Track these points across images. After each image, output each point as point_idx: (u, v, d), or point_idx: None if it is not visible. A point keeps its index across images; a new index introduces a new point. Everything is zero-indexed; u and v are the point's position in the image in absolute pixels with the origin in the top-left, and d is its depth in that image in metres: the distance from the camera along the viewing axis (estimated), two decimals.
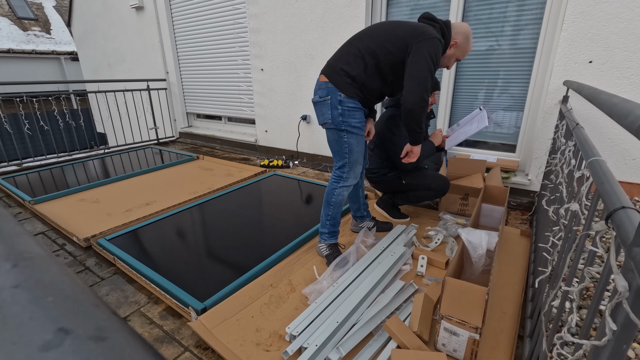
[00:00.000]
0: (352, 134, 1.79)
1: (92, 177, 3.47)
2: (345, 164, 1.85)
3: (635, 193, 2.18)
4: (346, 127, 1.77)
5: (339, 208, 1.93)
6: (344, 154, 1.83)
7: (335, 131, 1.79)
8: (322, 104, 1.78)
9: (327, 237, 1.96)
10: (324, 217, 1.95)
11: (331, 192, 1.91)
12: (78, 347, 0.14)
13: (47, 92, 4.08)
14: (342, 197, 1.92)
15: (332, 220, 1.94)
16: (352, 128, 1.78)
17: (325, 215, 1.94)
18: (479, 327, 1.21)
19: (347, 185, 1.90)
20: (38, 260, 0.19)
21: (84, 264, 2.03)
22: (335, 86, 1.74)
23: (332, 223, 1.95)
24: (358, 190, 2.15)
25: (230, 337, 1.42)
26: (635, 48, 2.07)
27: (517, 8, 2.53)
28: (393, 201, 2.43)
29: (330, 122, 1.77)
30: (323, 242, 1.97)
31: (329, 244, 1.96)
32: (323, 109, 1.79)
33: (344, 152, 1.83)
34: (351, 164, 1.86)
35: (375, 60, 1.71)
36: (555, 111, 2.39)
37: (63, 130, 4.30)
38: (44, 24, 11.96)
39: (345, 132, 1.78)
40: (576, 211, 0.93)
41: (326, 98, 1.75)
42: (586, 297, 1.38)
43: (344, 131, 1.78)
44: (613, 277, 0.54)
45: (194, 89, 5.07)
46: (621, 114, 0.61)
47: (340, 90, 1.73)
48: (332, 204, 1.91)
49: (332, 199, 1.91)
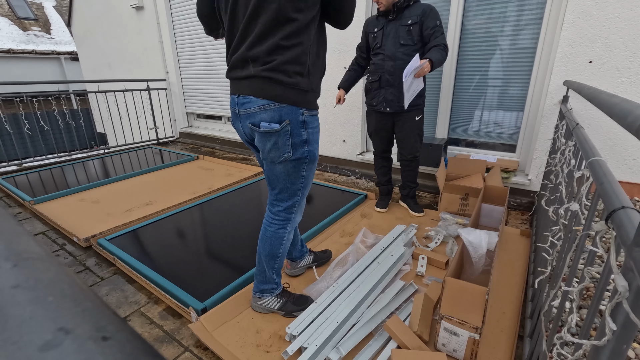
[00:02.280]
0: (312, 163, 1.39)
1: (92, 177, 3.47)
2: (296, 203, 1.44)
3: (635, 193, 2.18)
4: (310, 156, 1.35)
5: (285, 255, 1.56)
6: (297, 191, 1.41)
7: (295, 164, 1.33)
8: (276, 134, 1.26)
9: (276, 288, 1.55)
10: (269, 270, 1.51)
11: (278, 241, 1.48)
12: (78, 347, 0.14)
13: (47, 92, 4.08)
14: (290, 240, 1.54)
15: (278, 270, 1.54)
16: (314, 156, 1.37)
17: (271, 269, 1.51)
18: (479, 327, 1.21)
19: (295, 226, 1.55)
20: (38, 260, 0.19)
21: (84, 264, 2.03)
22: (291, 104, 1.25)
23: (277, 272, 1.55)
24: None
25: (230, 339, 1.42)
26: (635, 48, 2.07)
27: (517, 8, 2.53)
28: (409, 191, 2.56)
29: (291, 155, 1.30)
30: (269, 295, 1.54)
31: (279, 293, 1.56)
32: (279, 141, 1.27)
33: (298, 189, 1.40)
34: (302, 201, 1.45)
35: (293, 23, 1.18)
36: (555, 111, 2.39)
37: (63, 130, 4.30)
38: (44, 24, 11.96)
39: (308, 163, 1.36)
40: (576, 211, 0.93)
41: (284, 124, 1.25)
42: (586, 297, 1.38)
43: (305, 162, 1.35)
44: (613, 277, 0.54)
45: (194, 89, 5.07)
46: (621, 114, 0.61)
47: (300, 106, 1.27)
48: (279, 254, 1.50)
49: (281, 249, 1.50)
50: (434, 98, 3.03)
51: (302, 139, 1.31)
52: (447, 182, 2.46)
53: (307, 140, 1.32)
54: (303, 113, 1.29)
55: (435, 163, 2.87)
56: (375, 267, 1.79)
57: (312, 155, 1.36)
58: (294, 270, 1.83)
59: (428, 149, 2.88)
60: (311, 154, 1.35)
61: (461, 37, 2.79)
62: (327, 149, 3.75)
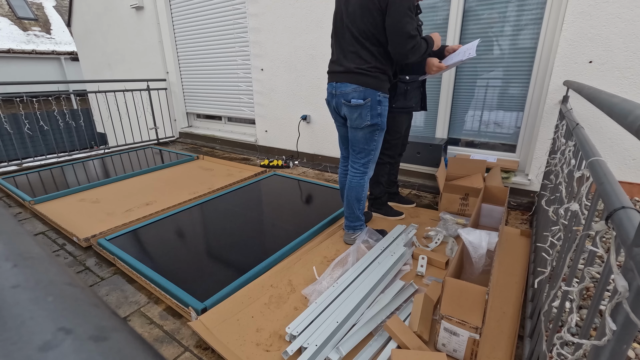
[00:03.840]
0: (382, 131, 1.92)
1: (92, 177, 3.47)
2: (370, 160, 1.97)
3: (635, 193, 2.18)
4: (382, 125, 1.88)
5: (365, 199, 2.09)
6: (371, 151, 1.94)
7: (369, 131, 1.87)
8: (361, 107, 1.82)
9: (362, 224, 2.11)
10: (357, 210, 2.05)
11: (361, 188, 2.01)
12: (78, 347, 0.14)
13: (47, 92, 4.08)
14: (367, 188, 2.10)
15: (362, 210, 2.08)
16: (384, 127, 1.91)
17: (358, 210, 2.05)
18: (479, 327, 1.21)
19: (369, 178, 2.06)
20: (38, 260, 0.19)
21: (84, 264, 2.03)
22: (370, 87, 1.79)
23: (362, 212, 2.09)
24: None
25: (230, 337, 1.42)
26: (635, 48, 2.07)
27: (517, 8, 2.53)
28: (381, 197, 2.47)
29: (370, 124, 1.84)
30: (359, 231, 2.09)
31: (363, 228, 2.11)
32: (363, 112, 1.83)
33: (371, 150, 1.94)
34: (374, 159, 2.00)
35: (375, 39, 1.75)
36: (555, 111, 2.39)
37: (63, 130, 4.31)
38: (44, 24, 11.96)
39: (379, 131, 1.89)
40: (576, 211, 0.93)
41: (367, 101, 1.80)
42: (586, 297, 1.38)
43: (377, 130, 1.88)
44: (613, 277, 0.54)
45: (194, 89, 5.07)
46: (621, 114, 0.61)
47: (378, 90, 1.80)
48: (362, 198, 2.04)
49: (363, 194, 2.03)
50: (434, 98, 3.03)
51: (377, 112, 1.84)
52: (447, 182, 2.46)
53: (380, 113, 1.85)
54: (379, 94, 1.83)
55: (435, 163, 2.87)
56: (375, 267, 1.79)
57: (382, 124, 1.88)
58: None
59: (428, 149, 2.88)
60: (382, 123, 1.88)
61: (461, 37, 2.79)
62: (327, 149, 3.76)
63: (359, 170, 1.99)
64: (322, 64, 3.47)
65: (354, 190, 2.02)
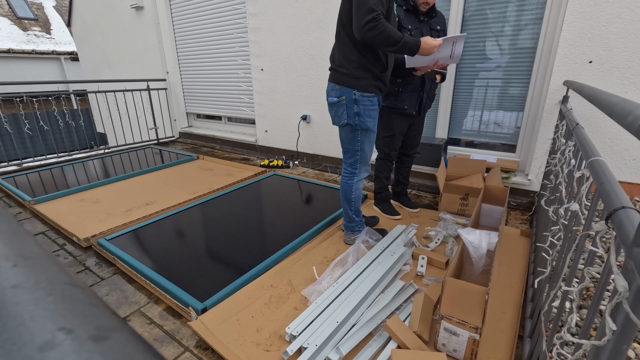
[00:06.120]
0: (367, 132, 1.87)
1: (92, 177, 3.47)
2: (357, 160, 1.94)
3: (635, 193, 2.18)
4: (362, 125, 1.84)
5: (359, 200, 2.06)
6: (356, 152, 1.92)
7: (350, 130, 1.86)
8: (337, 105, 1.84)
9: (358, 225, 2.08)
10: (349, 211, 2.05)
11: (348, 188, 2.00)
12: (78, 347, 0.14)
13: (47, 92, 4.07)
14: (360, 189, 2.04)
15: (356, 212, 2.07)
16: (366, 127, 1.85)
17: (350, 210, 2.05)
18: (479, 327, 1.21)
19: (361, 179, 2.01)
20: (38, 260, 0.19)
21: (84, 264, 2.03)
22: (345, 86, 1.78)
23: (356, 214, 2.07)
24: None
25: (230, 337, 1.42)
26: (635, 48, 2.07)
27: (517, 8, 2.53)
28: (403, 187, 2.55)
29: (346, 123, 1.84)
30: (358, 232, 2.08)
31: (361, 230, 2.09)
32: (338, 110, 1.85)
33: (356, 150, 1.92)
34: (362, 160, 1.95)
35: (351, 27, 1.67)
36: (555, 111, 2.39)
37: (63, 130, 4.31)
38: (44, 24, 11.96)
39: (361, 131, 1.86)
40: (576, 211, 0.93)
41: (341, 99, 1.80)
42: (586, 297, 1.38)
43: (358, 130, 1.85)
44: (613, 277, 0.54)
45: (194, 89, 5.07)
46: (621, 114, 0.61)
47: (353, 88, 1.77)
48: (352, 199, 2.02)
49: (352, 195, 2.01)
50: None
51: (354, 111, 1.80)
52: (447, 182, 2.46)
53: (357, 112, 1.81)
54: (355, 92, 1.78)
55: (435, 163, 2.87)
56: (375, 267, 1.79)
57: (362, 124, 1.83)
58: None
59: (428, 149, 2.88)
60: (362, 124, 1.83)
61: None
62: (327, 149, 3.76)
63: (346, 170, 2.00)
64: (322, 64, 3.47)
65: (343, 190, 2.04)
